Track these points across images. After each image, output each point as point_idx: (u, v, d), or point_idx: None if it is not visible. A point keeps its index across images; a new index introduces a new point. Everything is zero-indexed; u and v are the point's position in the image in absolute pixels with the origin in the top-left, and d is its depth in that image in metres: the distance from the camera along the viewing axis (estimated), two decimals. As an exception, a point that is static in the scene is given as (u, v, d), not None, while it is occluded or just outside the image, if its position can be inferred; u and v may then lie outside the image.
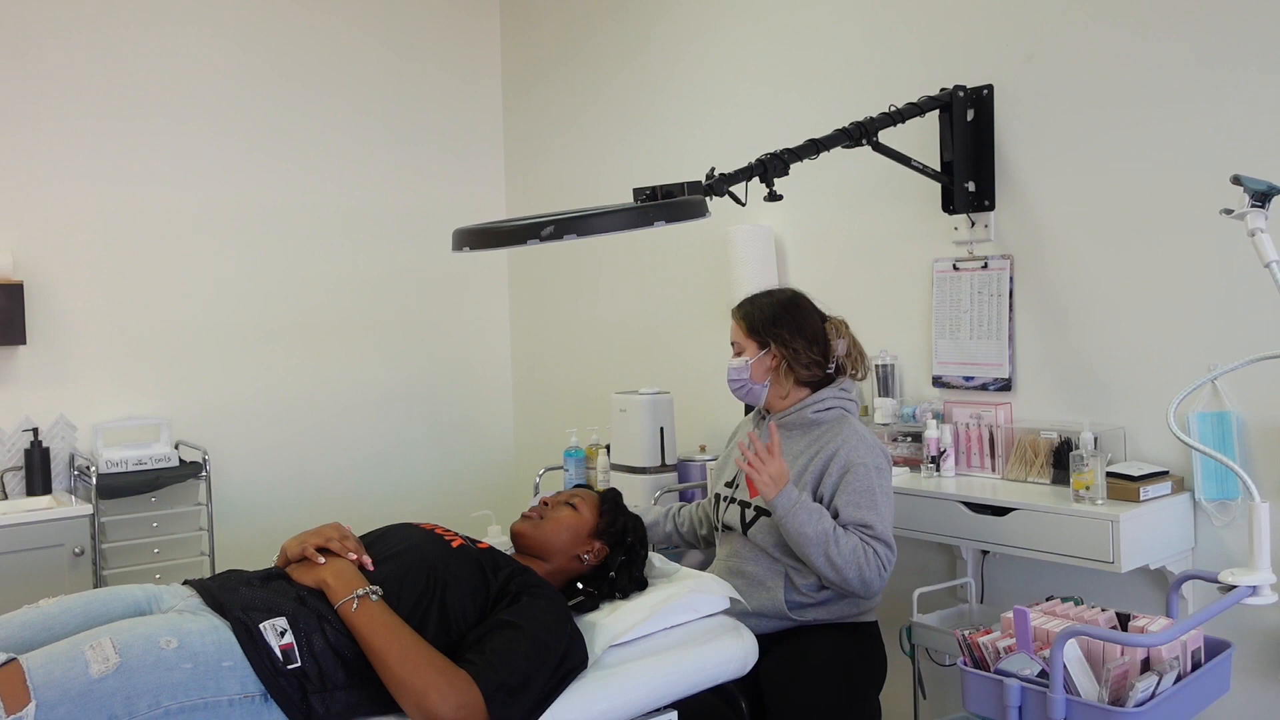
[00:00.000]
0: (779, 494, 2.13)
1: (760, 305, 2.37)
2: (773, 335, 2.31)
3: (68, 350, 3.47)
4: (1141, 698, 1.58)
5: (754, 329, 2.34)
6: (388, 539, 1.93)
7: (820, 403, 2.31)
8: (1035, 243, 2.60)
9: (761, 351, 2.31)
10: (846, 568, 2.10)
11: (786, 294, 2.40)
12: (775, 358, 2.31)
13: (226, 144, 3.77)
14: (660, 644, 1.94)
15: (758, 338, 2.32)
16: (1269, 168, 2.02)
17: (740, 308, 2.39)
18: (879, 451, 2.26)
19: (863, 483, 2.18)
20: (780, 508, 2.13)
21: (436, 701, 1.59)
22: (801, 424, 2.32)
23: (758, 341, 2.32)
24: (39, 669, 1.48)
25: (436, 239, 3.69)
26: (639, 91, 3.75)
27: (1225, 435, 2.26)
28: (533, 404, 4.40)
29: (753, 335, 2.33)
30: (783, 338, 2.30)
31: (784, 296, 2.39)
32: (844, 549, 2.10)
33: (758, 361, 2.32)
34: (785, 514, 2.12)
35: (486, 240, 2.27)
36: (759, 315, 2.34)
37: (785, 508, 2.13)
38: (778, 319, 2.32)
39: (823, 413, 2.30)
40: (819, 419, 2.30)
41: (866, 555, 2.11)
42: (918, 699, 2.62)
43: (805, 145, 2.38)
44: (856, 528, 2.15)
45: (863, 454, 2.21)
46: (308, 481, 3.92)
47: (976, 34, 2.69)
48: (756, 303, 2.38)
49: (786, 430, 2.33)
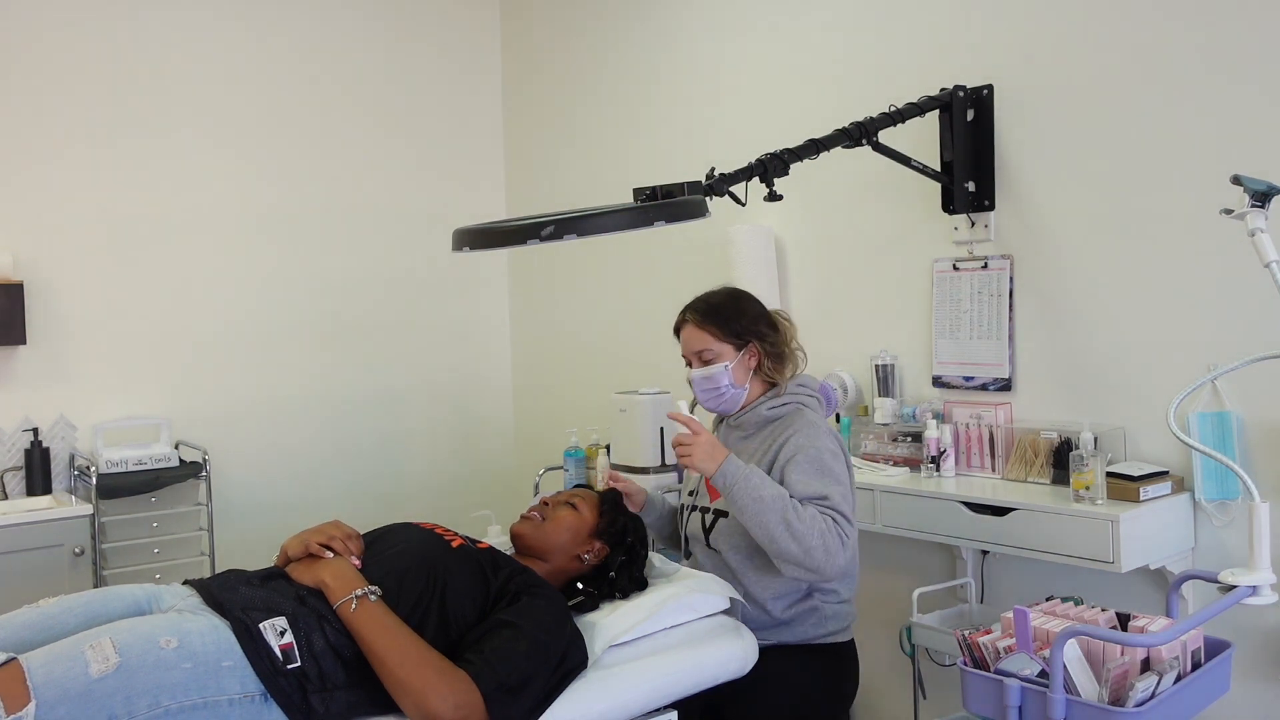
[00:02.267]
0: (723, 463, 1.99)
1: (719, 304, 2.24)
2: (752, 332, 2.21)
3: (68, 350, 3.47)
4: (1141, 698, 1.58)
5: (730, 330, 2.20)
6: (388, 539, 1.93)
7: (776, 398, 2.22)
8: (1035, 243, 2.60)
9: (741, 353, 2.20)
10: (809, 534, 1.95)
11: (733, 289, 2.30)
12: (755, 356, 2.21)
13: (226, 144, 3.77)
14: (660, 644, 1.93)
15: (735, 339, 2.20)
16: (1269, 168, 2.02)
17: (698, 313, 2.23)
18: (832, 437, 2.16)
19: (813, 459, 2.07)
20: (729, 475, 1.99)
21: (435, 702, 1.59)
22: (757, 422, 2.23)
23: (734, 344, 2.20)
24: (39, 669, 1.48)
25: (436, 239, 3.70)
26: (639, 91, 3.75)
27: (1225, 435, 2.26)
28: (533, 404, 4.40)
29: (729, 337, 2.20)
30: (760, 331, 2.21)
31: (733, 291, 2.29)
32: (804, 515, 1.97)
33: (738, 364, 2.20)
34: (735, 481, 1.98)
35: (486, 240, 2.27)
36: (727, 314, 2.22)
37: (734, 475, 1.99)
38: (747, 314, 2.22)
39: (778, 408, 2.21)
40: (774, 414, 2.21)
41: (828, 523, 1.97)
42: (918, 699, 2.62)
43: (805, 145, 2.38)
44: (811, 500, 2.02)
45: (812, 438, 2.11)
46: (308, 481, 3.92)
47: (976, 34, 2.69)
48: (713, 303, 2.24)
49: (742, 430, 2.25)
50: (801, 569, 1.98)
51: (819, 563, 1.96)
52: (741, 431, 2.26)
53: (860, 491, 2.59)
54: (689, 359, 2.25)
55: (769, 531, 1.97)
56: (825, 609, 2.16)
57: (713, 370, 2.20)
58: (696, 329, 2.22)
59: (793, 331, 2.28)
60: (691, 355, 2.24)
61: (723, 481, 2.01)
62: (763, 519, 1.97)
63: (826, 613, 2.16)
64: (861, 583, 2.27)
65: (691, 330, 2.24)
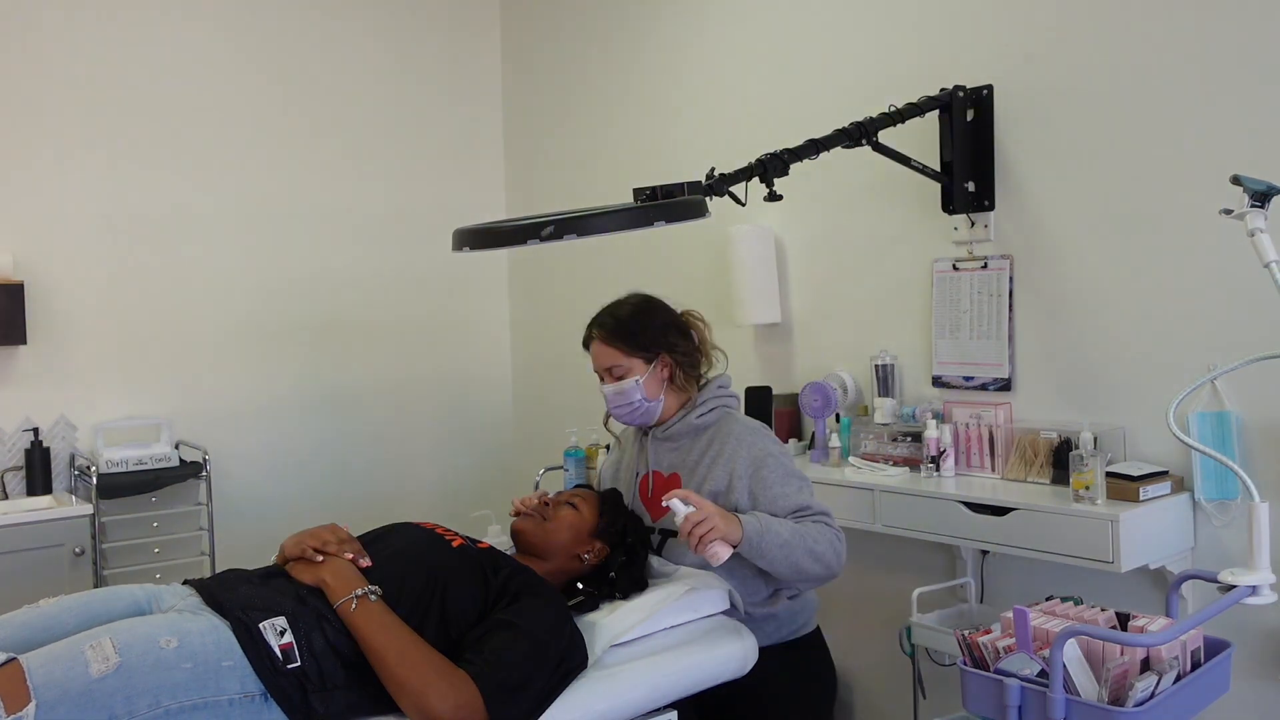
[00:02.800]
0: (741, 526, 1.94)
1: (625, 318, 2.21)
2: (661, 344, 2.18)
3: (68, 350, 3.47)
4: (1141, 697, 1.58)
5: (637, 344, 2.18)
6: (387, 539, 1.93)
7: (702, 405, 2.21)
8: (1035, 243, 2.60)
9: (651, 366, 2.18)
10: (827, 551, 2.00)
11: (639, 298, 2.26)
12: (667, 367, 2.19)
13: (226, 144, 3.77)
14: (660, 644, 1.94)
15: (643, 353, 2.18)
16: (1269, 168, 2.02)
17: (603, 328, 2.22)
18: (769, 436, 2.18)
19: (776, 471, 2.09)
20: (752, 535, 1.94)
21: (435, 701, 1.59)
22: (687, 431, 2.22)
23: (643, 357, 2.18)
24: (39, 669, 1.48)
25: (436, 239, 3.69)
26: (639, 91, 3.75)
27: (1225, 435, 2.26)
28: (533, 404, 4.39)
29: (636, 352, 2.18)
30: (670, 343, 2.19)
31: (640, 301, 2.26)
32: (814, 535, 2.00)
33: (650, 377, 2.18)
34: (761, 536, 1.95)
35: (486, 240, 2.27)
36: (634, 328, 2.19)
37: (755, 531, 1.94)
38: (654, 325, 2.20)
39: (705, 415, 2.20)
40: (703, 423, 2.20)
41: (827, 530, 2.03)
42: (917, 699, 2.62)
43: (805, 145, 2.38)
44: (796, 513, 2.05)
45: (761, 444, 2.13)
46: (308, 481, 3.92)
47: (976, 34, 2.69)
48: (619, 317, 2.22)
49: (673, 441, 2.24)
50: (819, 581, 2.08)
51: (834, 570, 2.04)
52: (672, 443, 2.25)
53: (860, 491, 2.61)
54: (600, 374, 2.24)
55: (798, 566, 1.99)
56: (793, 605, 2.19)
57: (624, 385, 2.19)
58: (604, 345, 2.21)
59: (707, 333, 2.28)
60: (602, 371, 2.23)
61: (749, 546, 1.95)
62: (792, 560, 1.98)
63: (795, 607, 2.20)
64: (861, 583, 2.28)
65: (599, 346, 2.22)
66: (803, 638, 2.23)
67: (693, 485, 2.16)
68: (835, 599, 2.70)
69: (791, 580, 2.06)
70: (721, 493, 2.12)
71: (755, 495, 2.10)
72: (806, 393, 2.95)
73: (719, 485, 2.13)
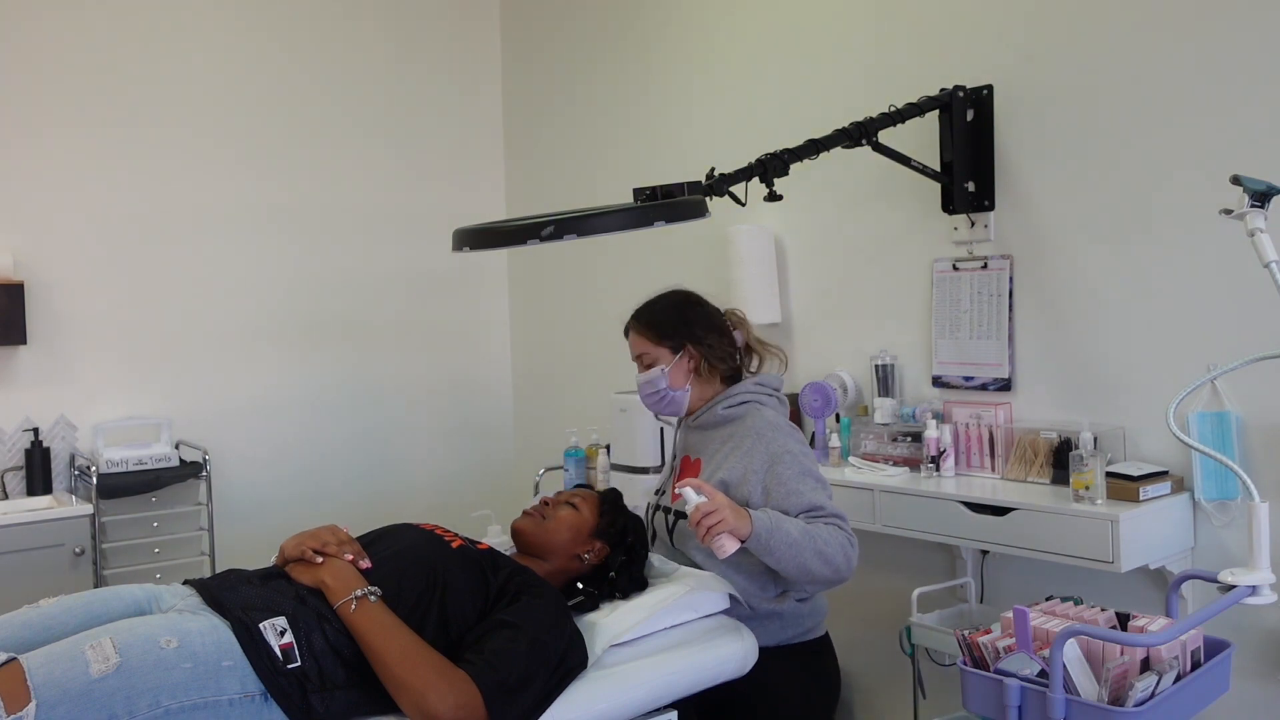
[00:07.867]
0: (751, 521, 1.92)
1: (660, 310, 2.31)
2: (685, 335, 2.26)
3: (68, 350, 3.47)
4: (1141, 697, 1.58)
5: (663, 334, 2.27)
6: (387, 539, 1.93)
7: (731, 398, 2.24)
8: (1035, 243, 2.60)
9: (676, 356, 2.26)
10: (835, 555, 1.98)
11: (680, 293, 2.35)
12: (693, 358, 2.26)
13: (226, 144, 3.77)
14: (660, 644, 1.93)
15: (669, 343, 2.26)
16: (1269, 168, 2.02)
17: (638, 318, 2.32)
18: (793, 434, 2.18)
19: (792, 468, 2.09)
20: (761, 530, 1.93)
21: (435, 701, 1.59)
22: (714, 422, 2.26)
23: (670, 347, 2.26)
24: (39, 669, 1.48)
25: (436, 239, 3.69)
26: (639, 91, 3.75)
27: (1225, 435, 2.26)
28: (533, 404, 4.40)
29: (663, 341, 2.26)
30: (695, 335, 2.26)
31: (678, 297, 2.34)
32: (825, 537, 1.98)
33: (675, 367, 2.25)
34: (770, 532, 1.94)
35: (486, 240, 2.28)
36: (663, 319, 2.28)
37: (765, 526, 1.94)
38: (684, 318, 2.28)
39: (733, 408, 2.23)
40: (730, 415, 2.23)
41: (839, 533, 2.01)
42: (918, 699, 2.62)
43: (805, 145, 2.38)
44: (808, 513, 2.04)
45: (780, 441, 2.13)
46: (308, 481, 3.92)
47: (976, 34, 2.69)
48: (654, 309, 2.32)
49: (702, 430, 2.28)
50: (826, 585, 2.06)
51: (843, 575, 2.02)
52: (701, 432, 2.30)
53: (860, 491, 2.61)
54: (636, 362, 2.33)
55: (805, 567, 1.98)
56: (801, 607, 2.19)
57: (651, 374, 2.28)
58: (637, 334, 2.32)
59: (747, 329, 2.34)
60: (635, 358, 2.33)
61: (757, 542, 1.94)
62: (799, 560, 1.98)
63: (803, 610, 2.19)
64: (861, 583, 2.28)
65: (633, 335, 2.33)
66: (809, 642, 2.22)
67: (707, 473, 2.18)
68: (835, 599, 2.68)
69: (798, 580, 2.05)
70: (733, 484, 2.13)
71: (769, 490, 2.10)
72: (806, 393, 2.95)
73: (731, 476, 2.14)
